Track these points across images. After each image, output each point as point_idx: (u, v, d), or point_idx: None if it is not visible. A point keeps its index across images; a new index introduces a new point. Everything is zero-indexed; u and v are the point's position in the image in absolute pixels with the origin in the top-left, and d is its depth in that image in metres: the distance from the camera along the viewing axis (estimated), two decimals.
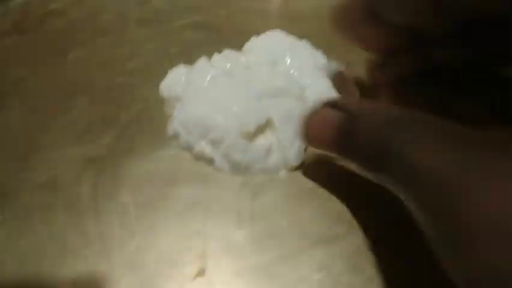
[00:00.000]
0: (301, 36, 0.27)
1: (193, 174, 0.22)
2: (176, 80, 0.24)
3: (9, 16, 0.32)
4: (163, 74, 0.25)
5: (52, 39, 0.30)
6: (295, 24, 0.32)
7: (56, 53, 0.29)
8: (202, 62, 0.24)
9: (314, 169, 0.22)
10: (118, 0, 0.34)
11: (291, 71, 0.24)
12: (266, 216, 0.20)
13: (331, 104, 0.18)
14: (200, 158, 0.22)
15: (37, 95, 0.26)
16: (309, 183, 0.21)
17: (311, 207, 0.21)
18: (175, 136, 0.22)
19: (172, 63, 0.26)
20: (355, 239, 0.19)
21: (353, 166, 0.21)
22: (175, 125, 0.22)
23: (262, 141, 0.22)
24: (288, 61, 0.25)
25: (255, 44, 0.26)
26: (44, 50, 0.29)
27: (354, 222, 0.20)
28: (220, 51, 0.25)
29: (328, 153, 0.18)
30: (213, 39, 0.29)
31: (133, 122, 0.24)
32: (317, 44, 0.26)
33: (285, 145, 0.22)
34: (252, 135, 0.22)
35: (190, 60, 0.26)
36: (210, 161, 0.22)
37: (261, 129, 0.22)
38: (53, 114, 0.24)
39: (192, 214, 0.20)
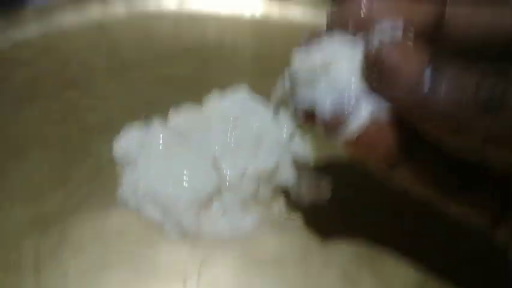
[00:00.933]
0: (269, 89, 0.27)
1: (140, 238, 0.21)
2: (130, 142, 0.24)
3: None
4: (121, 131, 0.25)
5: (18, 90, 0.30)
6: (264, 79, 0.33)
7: (18, 105, 0.29)
8: (156, 124, 0.24)
9: (266, 237, 0.22)
10: (88, 50, 0.35)
11: (252, 128, 0.25)
12: (213, 285, 0.20)
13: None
14: (149, 223, 0.21)
15: None
16: (259, 252, 0.21)
17: (260, 277, 0.20)
18: (125, 200, 0.22)
19: (134, 118, 0.26)
20: None
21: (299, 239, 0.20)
22: (125, 189, 0.22)
23: (214, 207, 0.22)
24: (248, 118, 0.25)
25: (215, 99, 0.26)
26: (10, 99, 0.29)
27: None
28: (181, 106, 0.26)
29: (391, 99, 0.15)
30: (177, 92, 0.29)
31: (84, 181, 0.24)
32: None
33: (236, 211, 0.21)
34: (206, 202, 0.21)
35: (152, 114, 0.26)
36: (159, 227, 0.21)
37: (212, 195, 0.22)
38: (6, 170, 0.24)
39: (135, 280, 0.20)
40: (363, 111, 0.15)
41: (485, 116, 0.13)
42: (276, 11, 0.40)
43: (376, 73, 0.14)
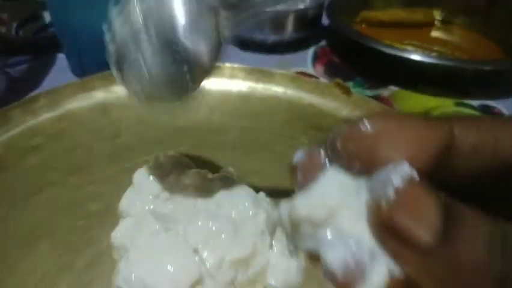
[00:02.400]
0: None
1: None
2: (125, 231, 0.27)
3: None
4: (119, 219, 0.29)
5: (29, 176, 0.34)
6: (249, 155, 0.37)
7: (30, 192, 0.32)
8: (147, 215, 0.27)
9: None
10: (92, 134, 0.39)
11: (232, 214, 0.28)
12: None
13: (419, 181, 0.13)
14: None
15: (8, 237, 0.29)
16: None
17: None
18: None
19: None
20: None
21: None
22: (118, 280, 0.25)
23: None
24: (229, 204, 0.29)
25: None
26: (20, 188, 0.33)
27: None
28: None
29: (404, 263, 0.13)
30: None
31: (86, 269, 0.27)
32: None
33: None
34: None
35: None
36: None
37: (197, 282, 0.25)
38: (19, 259, 0.28)
39: None
40: (377, 275, 0.13)
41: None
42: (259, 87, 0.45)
43: (387, 231, 0.13)
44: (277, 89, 0.45)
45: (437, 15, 0.62)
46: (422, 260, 0.12)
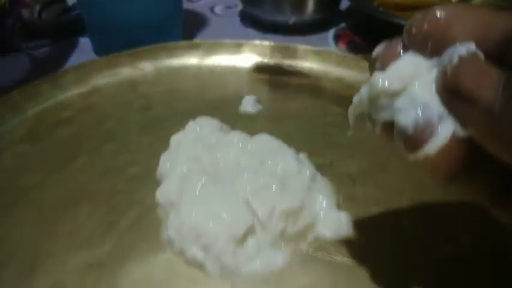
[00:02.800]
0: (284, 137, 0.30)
1: (185, 279, 0.24)
2: (171, 187, 0.26)
3: (25, 124, 0.36)
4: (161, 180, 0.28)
5: (62, 146, 0.34)
6: (282, 123, 0.36)
7: (65, 160, 0.32)
8: (193, 170, 0.27)
9: (297, 271, 0.24)
10: (122, 108, 0.38)
11: (277, 170, 0.27)
12: None
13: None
14: (192, 262, 0.24)
15: (45, 203, 0.28)
16: (291, 285, 0.23)
17: None
18: (170, 242, 0.25)
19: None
20: None
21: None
22: (169, 231, 0.24)
23: (251, 243, 0.24)
24: (273, 161, 0.28)
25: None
26: (54, 157, 0.32)
27: None
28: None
29: (467, 120, 0.15)
30: None
31: (131, 228, 0.26)
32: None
33: (268, 248, 0.24)
34: (242, 238, 0.24)
35: None
36: (201, 266, 0.24)
37: (250, 231, 0.24)
38: (59, 222, 0.27)
39: None
40: (444, 131, 0.15)
41: None
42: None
43: (452, 92, 0.15)
44: (303, 64, 0.45)
45: None
46: (485, 119, 0.14)
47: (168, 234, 0.25)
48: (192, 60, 0.45)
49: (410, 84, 0.16)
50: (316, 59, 0.45)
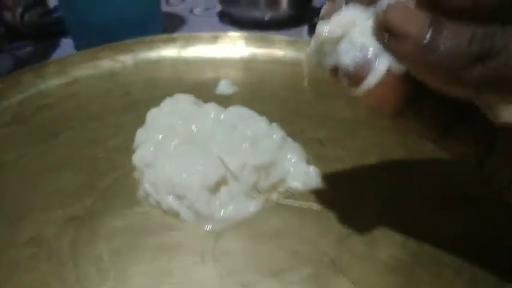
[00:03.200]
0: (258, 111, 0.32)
1: (161, 226, 0.25)
2: (146, 151, 0.28)
3: (8, 110, 0.37)
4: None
5: (45, 126, 0.35)
6: (256, 102, 0.38)
7: (49, 136, 0.33)
8: (167, 132, 0.28)
9: (268, 216, 0.25)
10: (103, 93, 0.40)
11: (248, 133, 0.29)
12: (227, 256, 0.23)
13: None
14: (168, 211, 0.25)
15: (31, 169, 0.30)
16: (262, 227, 0.25)
17: (267, 246, 0.24)
18: (146, 196, 0.26)
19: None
20: (307, 270, 0.22)
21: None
22: (145, 186, 0.26)
23: (222, 193, 0.26)
24: (245, 126, 0.30)
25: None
26: (38, 135, 0.34)
27: (306, 257, 0.23)
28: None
29: (399, 54, 0.16)
30: None
31: (111, 187, 0.28)
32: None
33: (241, 197, 0.25)
34: (214, 187, 0.25)
35: None
36: (177, 214, 0.25)
37: (220, 182, 0.26)
38: (43, 184, 0.28)
39: (159, 258, 0.23)
40: (380, 66, 0.17)
41: (477, 66, 0.15)
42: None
43: (385, 31, 0.16)
44: (278, 53, 0.47)
45: None
46: (415, 51, 0.15)
47: (144, 189, 0.26)
48: (170, 52, 0.47)
49: (350, 31, 0.18)
50: (289, 48, 0.47)
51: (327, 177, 0.28)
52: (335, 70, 0.19)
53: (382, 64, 0.17)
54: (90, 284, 0.22)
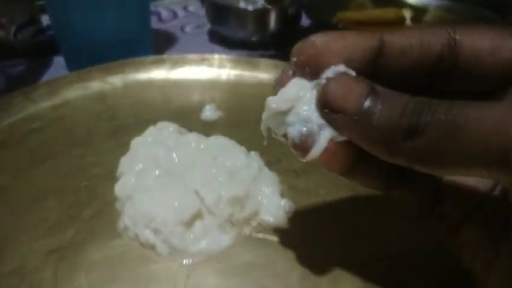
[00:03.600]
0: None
1: (138, 259, 0.26)
2: (127, 182, 0.29)
3: None
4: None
5: (32, 151, 0.36)
6: (240, 129, 0.40)
7: (34, 162, 0.34)
8: (148, 164, 0.30)
9: (241, 250, 0.27)
10: (90, 118, 0.41)
11: (227, 164, 0.30)
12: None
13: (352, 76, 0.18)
14: (145, 245, 0.27)
15: (16, 198, 0.31)
16: (234, 261, 0.26)
17: (237, 281, 0.25)
18: (125, 229, 0.27)
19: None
20: None
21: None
22: (125, 219, 0.27)
23: (198, 226, 0.27)
24: (224, 157, 0.31)
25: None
26: (24, 161, 0.35)
27: None
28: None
29: (339, 127, 0.18)
30: None
31: (93, 217, 0.29)
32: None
33: (215, 230, 0.27)
34: (189, 222, 0.27)
35: None
36: (153, 247, 0.26)
37: (195, 216, 0.27)
38: (25, 214, 0.29)
39: None
40: (323, 137, 0.19)
41: (407, 141, 0.16)
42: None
43: (324, 106, 0.18)
44: (262, 75, 0.48)
45: (407, 13, 0.67)
46: (352, 124, 0.17)
47: (124, 222, 0.27)
48: (158, 74, 0.48)
49: (296, 103, 0.19)
50: (275, 71, 0.48)
51: (298, 211, 0.30)
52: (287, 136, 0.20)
53: (325, 136, 0.19)
54: None
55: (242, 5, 0.62)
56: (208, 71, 0.49)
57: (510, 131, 0.14)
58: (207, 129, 0.38)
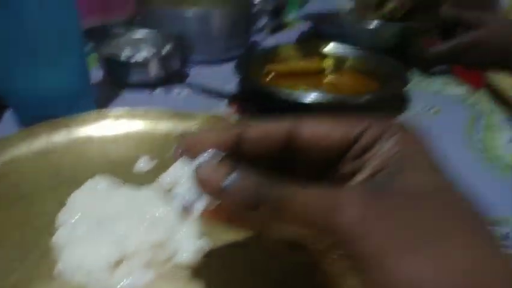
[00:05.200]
0: None
1: None
2: (62, 234, 0.35)
3: None
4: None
5: None
6: None
7: None
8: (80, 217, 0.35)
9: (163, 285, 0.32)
10: (35, 175, 0.46)
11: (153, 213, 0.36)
12: None
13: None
14: (79, 286, 0.32)
15: None
16: None
17: None
18: (61, 273, 0.32)
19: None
20: None
21: None
22: (60, 266, 0.32)
23: (123, 268, 0.32)
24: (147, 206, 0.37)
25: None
26: None
27: None
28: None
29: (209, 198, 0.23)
30: None
31: (32, 265, 0.34)
32: None
33: (138, 270, 0.32)
34: (114, 265, 0.32)
35: None
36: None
37: (121, 259, 0.32)
38: None
39: None
40: (199, 207, 0.24)
41: (252, 212, 0.21)
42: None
43: (197, 183, 0.23)
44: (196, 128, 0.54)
45: (329, 63, 0.76)
46: (219, 196, 0.22)
47: (60, 268, 0.32)
48: (98, 129, 0.53)
49: (179, 181, 0.25)
50: (207, 123, 0.55)
51: (215, 250, 0.35)
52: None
53: (200, 205, 0.24)
54: None
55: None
56: (144, 124, 0.54)
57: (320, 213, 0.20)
58: (141, 179, 0.44)
